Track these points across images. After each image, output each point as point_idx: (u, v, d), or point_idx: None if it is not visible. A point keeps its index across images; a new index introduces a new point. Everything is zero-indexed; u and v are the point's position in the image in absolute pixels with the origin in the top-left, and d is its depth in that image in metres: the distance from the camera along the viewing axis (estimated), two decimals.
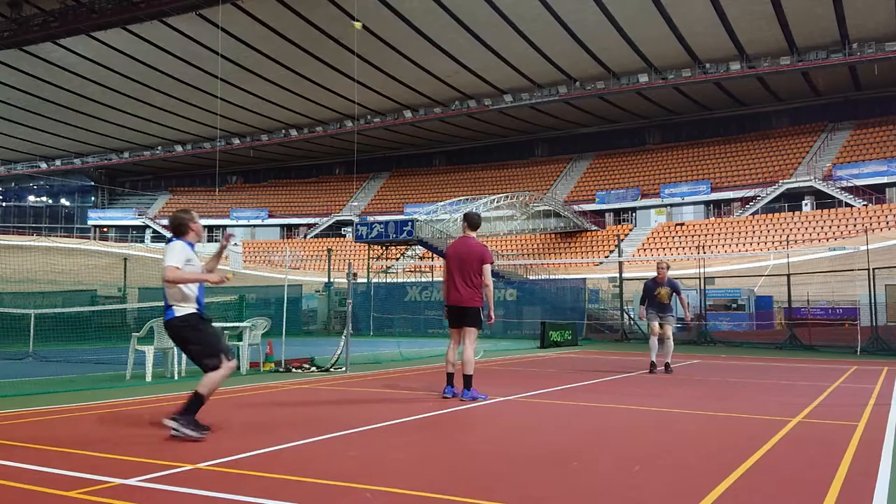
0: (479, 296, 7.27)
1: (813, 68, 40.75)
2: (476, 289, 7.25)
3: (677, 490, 3.76)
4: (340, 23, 37.93)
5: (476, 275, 7.25)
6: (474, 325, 7.29)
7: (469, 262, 7.26)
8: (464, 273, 7.26)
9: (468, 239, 7.44)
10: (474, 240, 7.45)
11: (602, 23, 37.58)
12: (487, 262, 7.27)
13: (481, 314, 7.29)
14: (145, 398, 7.47)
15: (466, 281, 7.24)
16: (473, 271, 7.25)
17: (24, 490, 3.57)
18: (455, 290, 7.27)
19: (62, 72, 45.66)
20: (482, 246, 7.38)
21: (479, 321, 7.30)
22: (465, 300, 7.25)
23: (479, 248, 7.32)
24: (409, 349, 16.71)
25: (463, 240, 7.49)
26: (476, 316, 7.27)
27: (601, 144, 55.81)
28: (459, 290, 7.24)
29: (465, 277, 7.24)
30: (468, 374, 7.20)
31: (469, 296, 7.25)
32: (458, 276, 7.27)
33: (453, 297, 7.31)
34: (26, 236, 54.25)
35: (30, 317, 14.11)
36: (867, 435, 5.47)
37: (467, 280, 7.24)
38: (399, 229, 31.32)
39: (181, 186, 67.95)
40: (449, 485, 3.80)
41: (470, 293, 7.24)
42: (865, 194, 40.60)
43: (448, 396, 7.32)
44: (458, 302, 7.27)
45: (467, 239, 7.45)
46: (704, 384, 9.61)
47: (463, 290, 7.23)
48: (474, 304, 7.26)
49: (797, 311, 24.54)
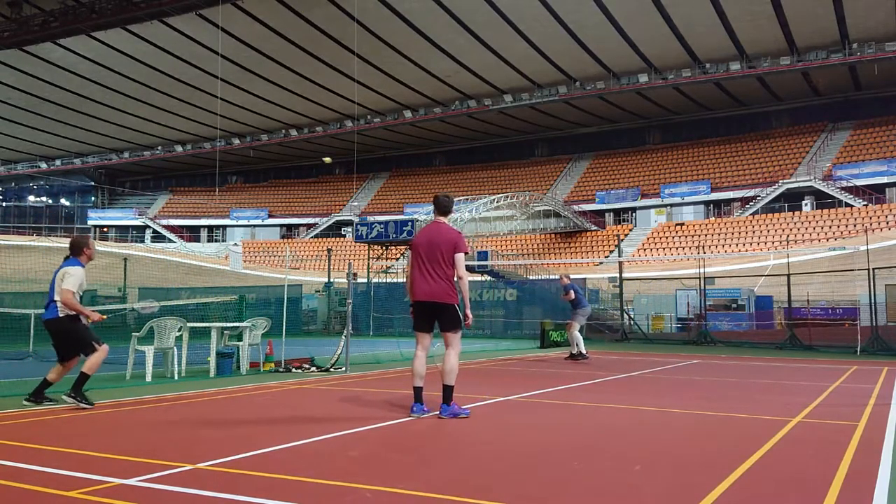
0: (454, 290, 6.14)
1: (813, 68, 40.75)
2: (450, 282, 6.12)
3: (677, 490, 3.76)
4: (340, 23, 37.93)
5: (448, 265, 6.12)
6: (454, 328, 6.15)
7: (440, 251, 6.13)
8: (433, 263, 6.12)
9: (440, 224, 6.34)
10: (447, 225, 6.36)
11: (602, 23, 37.58)
12: (462, 250, 6.18)
13: (459, 312, 6.16)
14: (145, 398, 7.47)
15: (437, 272, 6.10)
16: (445, 262, 6.12)
17: (24, 490, 3.57)
18: (424, 282, 6.13)
19: (62, 72, 45.66)
20: (456, 232, 6.29)
21: (459, 321, 6.16)
22: (438, 294, 6.08)
23: (453, 235, 6.22)
24: (409, 349, 16.69)
25: (434, 225, 6.37)
26: (454, 315, 6.14)
27: (601, 144, 55.81)
28: (429, 283, 6.10)
29: (436, 268, 6.11)
30: (449, 385, 6.02)
31: (442, 290, 6.08)
32: (428, 266, 6.14)
33: (421, 290, 6.14)
34: (26, 236, 54.21)
35: (30, 317, 14.12)
36: (867, 435, 5.47)
37: (438, 271, 6.10)
38: (399, 229, 31.33)
39: (181, 186, 67.96)
40: (449, 485, 3.80)
41: (443, 287, 6.09)
42: (865, 194, 40.60)
43: (417, 415, 6.05)
44: (429, 297, 6.10)
45: (439, 224, 6.34)
46: (704, 384, 9.61)
47: (434, 282, 6.09)
48: (450, 301, 6.10)
49: (797, 311, 24.54)
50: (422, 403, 6.16)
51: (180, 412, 6.47)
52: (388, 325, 27.28)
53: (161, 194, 67.55)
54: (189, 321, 10.29)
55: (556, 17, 37.17)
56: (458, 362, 6.11)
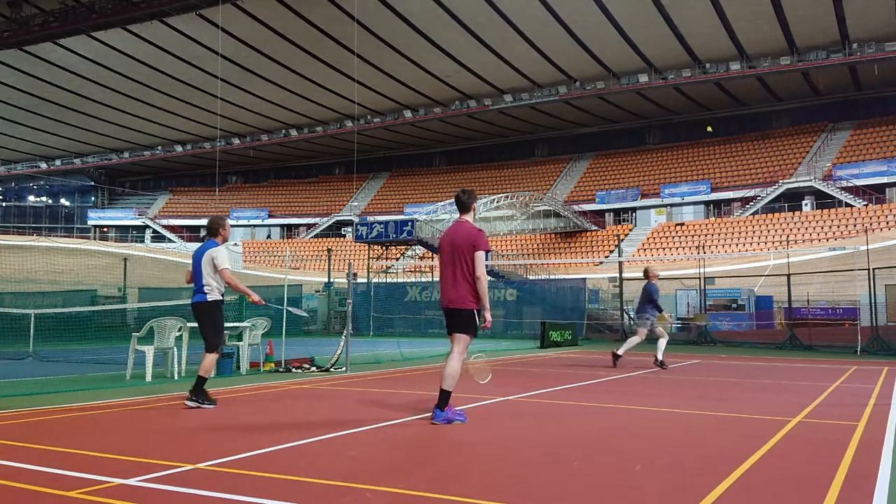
0: (472, 294, 5.87)
1: (813, 68, 40.75)
2: (469, 284, 5.87)
3: (677, 490, 3.76)
4: (340, 23, 37.95)
5: (469, 265, 5.86)
6: (466, 332, 5.90)
7: (461, 250, 5.89)
8: (456, 264, 5.90)
9: (461, 223, 6.08)
10: (468, 223, 6.07)
11: (602, 23, 37.58)
12: (481, 248, 5.86)
13: (475, 318, 5.88)
14: (145, 398, 7.47)
15: (458, 273, 5.89)
16: (465, 262, 5.87)
17: (24, 490, 3.57)
18: (446, 287, 5.97)
19: (62, 72, 45.67)
20: (476, 230, 5.97)
21: (473, 326, 5.89)
22: (455, 300, 5.88)
23: (473, 233, 5.91)
24: (410, 349, 16.72)
25: (456, 224, 6.12)
26: (468, 320, 5.87)
27: (601, 144, 55.81)
28: (449, 289, 5.92)
29: (458, 269, 5.89)
30: (446, 390, 5.76)
31: (460, 295, 5.87)
32: (450, 268, 5.94)
33: (443, 296, 5.99)
34: (26, 236, 54.24)
35: (30, 317, 14.13)
36: (867, 435, 5.47)
37: (459, 273, 5.89)
38: (399, 229, 31.33)
39: (181, 186, 67.96)
40: (449, 485, 3.80)
41: (461, 291, 5.87)
42: (865, 194, 40.60)
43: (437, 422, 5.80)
44: (448, 303, 5.94)
45: (460, 223, 6.09)
46: (704, 384, 9.60)
47: (453, 287, 5.90)
48: (466, 306, 5.86)
49: (797, 311, 24.54)
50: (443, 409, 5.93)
51: (180, 412, 6.47)
52: (388, 325, 27.28)
53: (161, 194, 67.56)
54: (189, 321, 10.29)
55: (556, 17, 37.17)
56: (459, 367, 5.87)
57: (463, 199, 6.14)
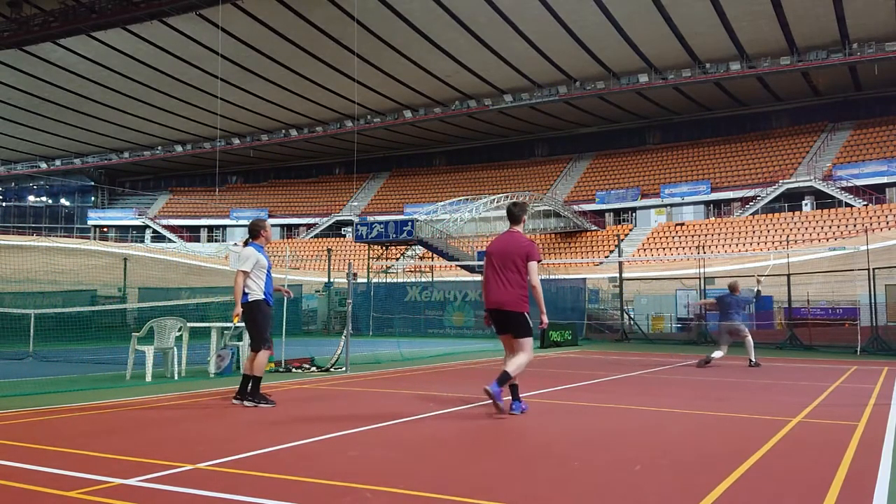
0: (524, 299, 6.40)
1: (813, 68, 40.73)
2: (522, 290, 6.39)
3: (677, 490, 3.76)
4: (340, 23, 37.93)
5: (521, 273, 6.38)
6: (525, 335, 6.44)
7: (512, 259, 6.39)
8: (506, 271, 6.40)
9: (514, 233, 6.60)
10: (520, 234, 6.60)
11: (602, 23, 37.58)
12: (534, 258, 6.39)
13: (529, 320, 6.43)
14: (145, 398, 7.47)
15: (509, 280, 6.38)
16: (518, 270, 6.38)
17: (24, 490, 3.57)
18: (496, 290, 6.42)
19: (62, 72, 45.65)
20: (529, 241, 6.52)
21: (529, 328, 6.45)
22: (507, 303, 6.37)
23: (526, 244, 6.45)
24: (410, 349, 16.72)
25: (507, 235, 6.63)
26: (523, 324, 6.41)
27: (601, 144, 55.78)
28: (501, 291, 6.38)
29: (507, 276, 6.39)
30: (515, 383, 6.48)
31: (512, 298, 6.35)
32: (501, 274, 6.41)
33: (493, 298, 6.44)
34: (26, 236, 54.19)
35: (30, 317, 14.12)
36: (867, 435, 5.47)
37: (510, 279, 6.38)
38: (399, 229, 31.33)
39: (181, 186, 67.94)
40: (449, 484, 3.80)
41: (513, 295, 6.36)
42: (865, 194, 40.59)
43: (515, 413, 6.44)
44: (500, 305, 6.41)
45: (512, 233, 6.60)
46: (704, 384, 9.60)
47: (504, 290, 6.38)
48: (519, 309, 6.38)
49: (797, 310, 24.53)
50: (519, 400, 6.55)
51: (180, 412, 6.47)
52: (388, 325, 27.28)
53: (161, 194, 67.54)
54: (189, 321, 10.30)
55: (556, 17, 37.16)
56: (526, 362, 6.44)
57: (514, 212, 6.70)
